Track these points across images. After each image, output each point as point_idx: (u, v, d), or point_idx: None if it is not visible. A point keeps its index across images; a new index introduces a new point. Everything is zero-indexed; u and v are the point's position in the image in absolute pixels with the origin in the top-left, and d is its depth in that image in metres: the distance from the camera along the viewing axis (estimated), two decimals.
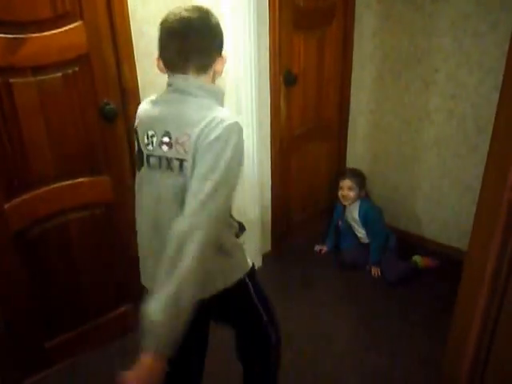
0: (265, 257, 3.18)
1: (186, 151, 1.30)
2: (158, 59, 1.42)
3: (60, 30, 1.91)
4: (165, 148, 1.35)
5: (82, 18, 1.96)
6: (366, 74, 3.31)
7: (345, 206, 3.21)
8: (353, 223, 3.24)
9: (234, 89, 2.57)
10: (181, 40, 1.34)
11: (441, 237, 3.24)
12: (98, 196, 2.23)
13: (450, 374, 1.72)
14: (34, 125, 1.95)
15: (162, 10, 2.14)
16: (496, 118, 1.32)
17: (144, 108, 1.49)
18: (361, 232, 3.22)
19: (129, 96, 2.17)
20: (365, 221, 3.14)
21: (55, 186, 2.08)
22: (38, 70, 1.91)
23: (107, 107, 2.10)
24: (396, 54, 3.11)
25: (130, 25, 2.08)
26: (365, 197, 3.22)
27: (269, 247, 3.26)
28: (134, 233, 1.62)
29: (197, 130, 1.28)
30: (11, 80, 1.85)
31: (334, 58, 3.19)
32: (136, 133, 1.46)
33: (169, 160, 1.35)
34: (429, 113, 3.05)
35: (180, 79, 1.39)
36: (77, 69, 2.00)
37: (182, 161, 1.32)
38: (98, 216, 2.27)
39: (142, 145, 1.42)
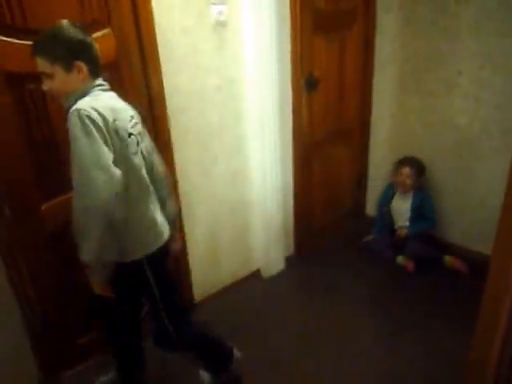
0: (288, 259, 3.21)
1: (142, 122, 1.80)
2: (79, 68, 1.61)
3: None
4: (139, 126, 1.76)
5: (109, 25, 2.02)
6: (388, 77, 3.32)
7: (393, 194, 3.24)
8: (397, 213, 3.26)
9: (257, 94, 2.62)
10: (95, 48, 1.67)
11: (464, 240, 3.21)
12: None
13: (476, 370, 1.71)
14: (67, 130, 2.00)
15: (185, 15, 2.21)
16: None
17: (108, 111, 1.59)
18: (401, 223, 3.24)
19: (155, 101, 2.22)
20: (419, 211, 3.17)
21: None
22: None
23: None
24: (418, 56, 3.11)
25: (155, 32, 2.13)
26: (419, 189, 3.22)
27: (292, 250, 3.29)
28: None
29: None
30: None
31: (355, 61, 3.20)
32: (116, 133, 1.60)
33: (142, 133, 1.77)
34: (452, 115, 3.04)
35: (103, 81, 1.71)
36: (106, 75, 2.03)
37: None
38: None
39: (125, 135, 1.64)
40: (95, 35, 1.96)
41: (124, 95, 2.09)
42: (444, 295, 2.83)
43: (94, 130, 1.50)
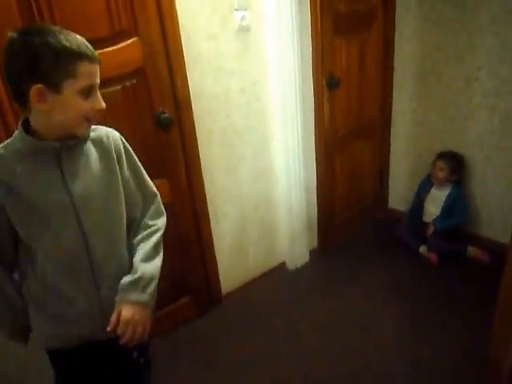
0: (311, 253, 3.30)
1: None
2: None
3: (118, 46, 2.05)
4: None
5: (137, 34, 2.10)
6: (408, 74, 3.36)
7: (432, 185, 3.29)
8: (430, 204, 3.31)
9: (280, 95, 2.70)
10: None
11: (485, 232, 3.25)
12: None
13: (494, 365, 1.75)
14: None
15: (210, 22, 2.31)
16: None
17: None
18: (431, 214, 3.28)
19: (182, 105, 2.31)
20: (452, 206, 3.21)
21: None
22: (100, 83, 2.07)
23: (163, 116, 2.24)
24: (437, 53, 3.14)
25: (181, 39, 2.21)
26: (457, 182, 3.25)
27: (315, 244, 3.36)
28: (189, 231, 1.70)
29: None
30: None
31: (375, 59, 3.25)
32: None
33: None
34: (472, 110, 3.07)
35: None
36: (134, 81, 2.14)
37: None
38: None
39: None
40: (123, 44, 2.07)
41: (151, 100, 2.22)
42: (466, 285, 2.87)
43: None
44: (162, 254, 1.53)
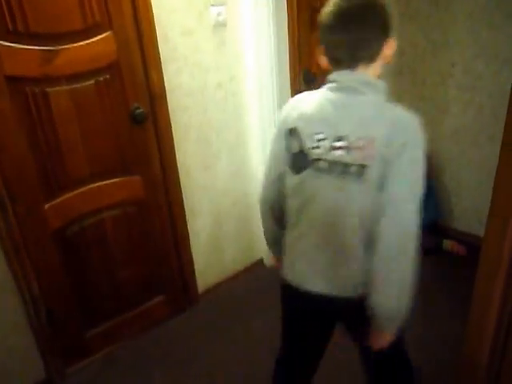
0: None
1: (367, 157, 1.22)
2: (320, 56, 1.32)
3: (91, 40, 2.02)
4: (338, 153, 1.25)
5: (110, 27, 2.06)
6: (384, 70, 3.34)
7: None
8: None
9: (257, 90, 2.68)
10: (347, 31, 1.24)
11: (461, 225, 3.28)
12: (130, 195, 2.34)
13: (470, 357, 1.77)
14: (69, 130, 2.07)
15: (186, 17, 2.27)
16: (509, 106, 1.37)
17: (304, 108, 1.34)
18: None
19: (157, 100, 2.27)
20: (423, 201, 3.18)
21: (90, 186, 2.20)
22: (71, 78, 2.02)
23: (137, 111, 2.21)
24: (413, 49, 3.15)
25: (156, 34, 2.18)
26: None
27: None
28: (164, 227, 1.68)
29: (381, 134, 1.21)
30: (47, 89, 1.96)
31: None
32: (293, 131, 1.34)
33: (345, 165, 1.25)
34: (447, 105, 3.10)
35: (346, 76, 1.29)
36: (108, 76, 2.10)
37: (363, 167, 1.22)
38: (132, 213, 2.38)
39: (306, 146, 1.31)
40: (96, 38, 2.03)
41: (125, 95, 2.18)
42: (442, 277, 2.90)
43: None
44: None
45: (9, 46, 1.83)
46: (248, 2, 2.47)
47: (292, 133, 1.34)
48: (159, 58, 2.23)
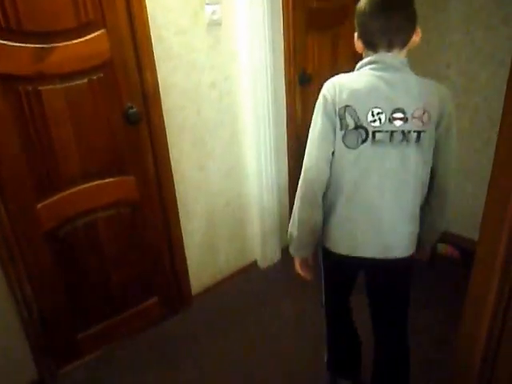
0: (284, 251, 3.25)
1: (423, 123, 1.45)
2: (358, 39, 1.54)
3: (84, 38, 2.00)
4: (398, 123, 1.45)
5: (104, 26, 2.04)
6: None
7: None
8: None
9: (252, 90, 2.67)
10: (386, 18, 1.43)
11: (455, 229, 3.27)
12: (123, 195, 2.32)
13: (463, 359, 1.76)
14: (62, 129, 2.05)
15: (181, 15, 2.26)
16: (504, 110, 1.36)
17: (354, 87, 1.48)
18: None
19: (151, 99, 2.25)
20: None
21: (83, 186, 2.18)
22: (64, 77, 1.99)
23: (131, 111, 2.19)
24: (408, 50, 3.14)
25: (149, 31, 2.16)
26: None
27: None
28: (157, 228, 1.68)
29: (433, 104, 1.45)
30: (40, 87, 1.94)
31: (347, 56, 3.23)
32: (346, 110, 1.47)
33: (405, 133, 1.46)
34: None
35: (387, 57, 1.48)
36: (101, 75, 2.08)
37: (419, 132, 1.46)
38: (125, 214, 2.36)
39: (363, 121, 1.46)
40: (89, 36, 2.01)
41: (119, 95, 2.17)
42: (436, 281, 2.89)
43: None
44: None
45: (1, 44, 1.80)
46: (243, 1, 2.46)
47: (346, 111, 1.47)
48: (153, 57, 2.21)
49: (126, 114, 2.19)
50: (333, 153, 1.53)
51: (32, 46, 1.88)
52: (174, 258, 2.65)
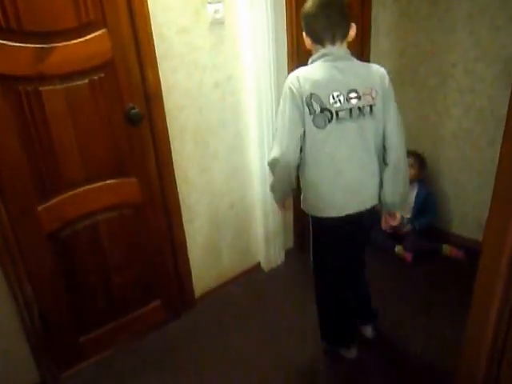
0: (287, 253, 3.24)
1: (373, 98, 1.82)
2: (306, 37, 1.90)
3: (85, 38, 1.98)
4: (354, 101, 1.80)
5: (105, 25, 2.02)
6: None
7: None
8: None
9: (255, 90, 2.64)
10: (326, 17, 1.78)
11: (460, 229, 3.25)
12: (126, 197, 2.30)
13: (467, 367, 1.74)
14: (63, 130, 2.02)
15: (183, 14, 2.24)
16: (509, 111, 1.34)
17: (314, 78, 1.79)
18: (404, 214, 3.27)
19: (153, 99, 2.23)
20: (423, 204, 3.22)
21: (85, 188, 2.16)
22: (65, 77, 1.97)
23: (132, 111, 2.16)
24: (413, 50, 3.13)
25: (151, 30, 2.13)
26: (422, 182, 3.25)
27: (291, 244, 3.31)
28: (160, 230, 1.65)
29: (376, 82, 1.83)
30: (40, 88, 1.92)
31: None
32: (312, 97, 1.77)
33: (360, 108, 1.81)
34: (447, 107, 3.06)
35: (334, 49, 1.82)
36: (102, 75, 2.06)
37: (371, 106, 1.82)
38: (127, 216, 2.34)
39: (326, 105, 1.78)
40: (90, 36, 1.99)
41: (120, 95, 2.15)
42: (442, 283, 2.88)
43: None
44: None
45: (1, 44, 1.79)
46: (246, 0, 2.43)
47: (312, 98, 1.78)
48: (155, 57, 2.18)
49: (128, 115, 2.17)
50: (304, 136, 1.84)
51: (32, 46, 1.86)
52: (176, 260, 2.62)
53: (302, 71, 1.83)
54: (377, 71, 1.86)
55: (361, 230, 2.14)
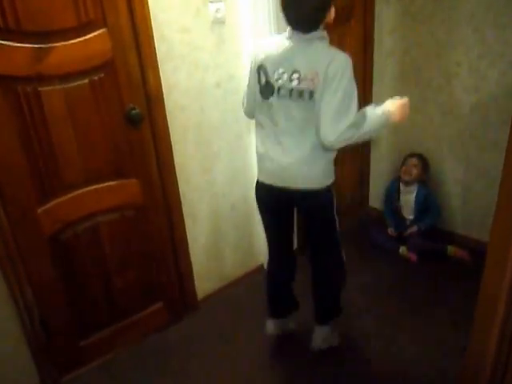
0: None
1: (314, 84, 1.78)
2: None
3: (85, 37, 1.96)
4: (295, 82, 1.82)
5: (105, 25, 2.00)
6: (388, 70, 3.31)
7: (399, 188, 3.29)
8: (403, 205, 3.31)
9: None
10: (295, 11, 1.79)
11: (464, 230, 3.22)
12: (127, 199, 2.28)
13: (472, 370, 1.72)
14: (62, 131, 2.01)
15: (183, 14, 2.22)
16: None
17: (269, 50, 1.89)
18: (406, 215, 3.30)
19: (153, 100, 2.21)
20: (424, 205, 3.21)
21: (85, 190, 2.14)
22: (65, 77, 1.96)
23: (133, 112, 2.15)
24: (417, 48, 3.10)
25: (152, 30, 2.12)
26: (423, 183, 3.25)
27: (295, 244, 3.27)
28: (161, 232, 1.64)
29: (322, 69, 1.75)
30: (39, 88, 1.91)
31: (354, 54, 3.14)
32: (261, 68, 1.90)
33: (300, 91, 1.82)
34: (451, 106, 3.04)
35: (298, 35, 1.82)
36: (102, 75, 2.04)
37: (311, 92, 1.79)
38: (128, 218, 2.32)
39: (270, 79, 1.88)
40: (90, 36, 1.97)
41: (121, 95, 2.13)
42: (447, 283, 2.87)
43: None
44: None
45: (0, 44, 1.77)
46: None
47: (260, 69, 1.90)
48: (156, 56, 2.17)
49: (129, 115, 2.15)
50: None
51: (31, 46, 1.85)
52: (178, 262, 2.60)
53: (263, 42, 2.01)
54: (330, 57, 1.77)
55: (287, 210, 2.20)
